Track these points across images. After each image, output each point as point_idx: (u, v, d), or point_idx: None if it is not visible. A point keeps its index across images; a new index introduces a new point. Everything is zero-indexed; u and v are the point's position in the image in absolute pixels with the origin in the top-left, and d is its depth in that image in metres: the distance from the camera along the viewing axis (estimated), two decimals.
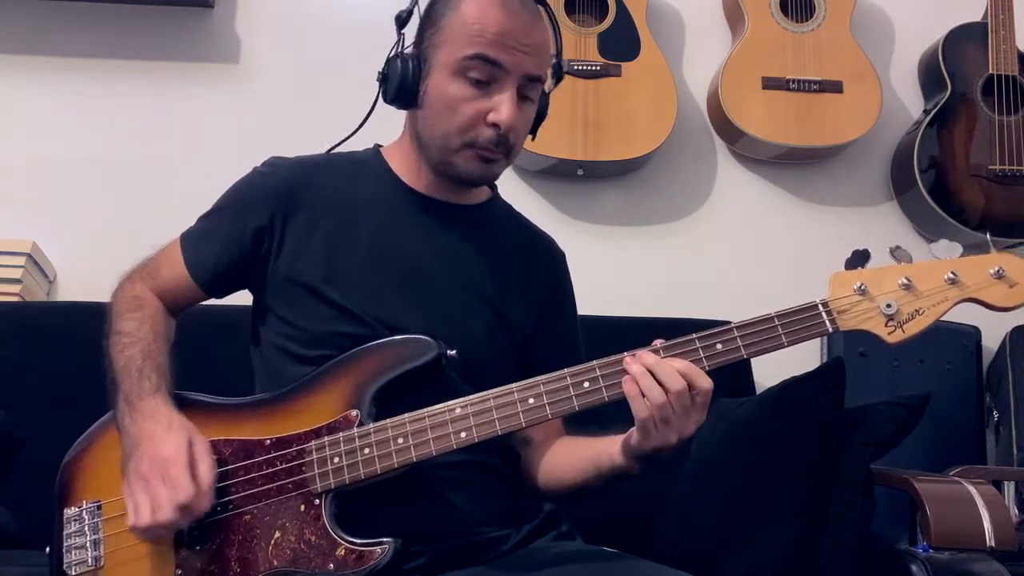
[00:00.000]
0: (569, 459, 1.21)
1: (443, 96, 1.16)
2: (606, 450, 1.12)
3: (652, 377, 1.00)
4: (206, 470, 1.04)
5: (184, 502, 1.01)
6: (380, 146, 1.32)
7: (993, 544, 1.20)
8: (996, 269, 1.03)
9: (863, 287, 1.04)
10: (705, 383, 1.01)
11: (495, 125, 1.14)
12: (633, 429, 1.04)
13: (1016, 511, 1.77)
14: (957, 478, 1.34)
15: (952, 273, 1.04)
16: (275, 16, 2.29)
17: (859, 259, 1.07)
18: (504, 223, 1.33)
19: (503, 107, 1.13)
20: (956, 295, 1.04)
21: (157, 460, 1.04)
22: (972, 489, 1.26)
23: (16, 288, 1.99)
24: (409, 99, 1.19)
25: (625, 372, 1.02)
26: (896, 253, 1.07)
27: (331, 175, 1.26)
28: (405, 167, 1.26)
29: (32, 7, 2.22)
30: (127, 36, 2.24)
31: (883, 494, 1.31)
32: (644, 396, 1.00)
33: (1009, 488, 1.77)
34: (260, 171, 1.27)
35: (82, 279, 2.12)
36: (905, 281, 1.04)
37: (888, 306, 1.04)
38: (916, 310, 1.04)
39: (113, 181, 2.18)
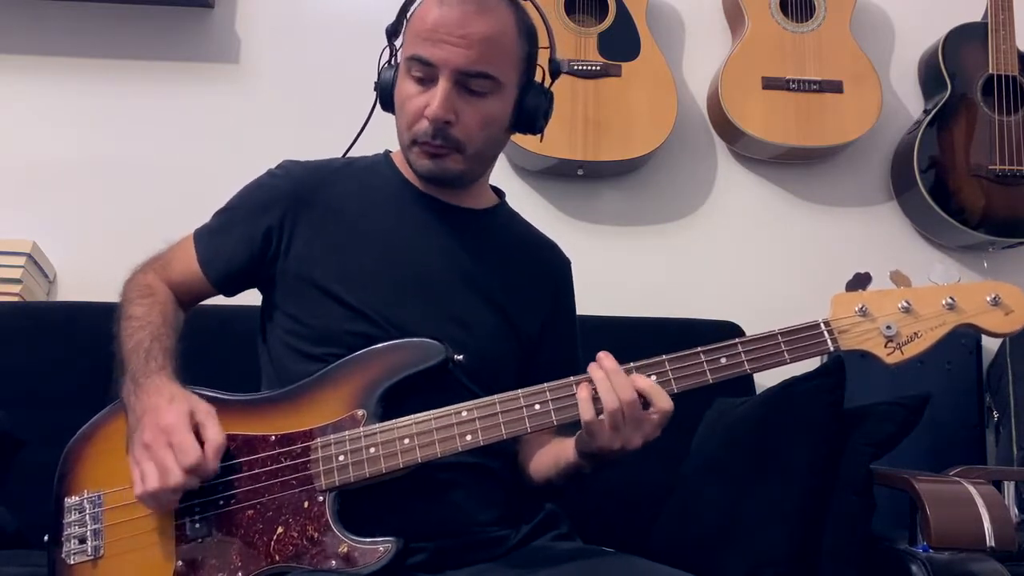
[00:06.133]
0: (544, 456, 1.23)
1: (399, 96, 1.21)
2: (565, 448, 1.16)
3: (609, 384, 1.03)
4: (213, 433, 1.06)
5: (192, 464, 1.02)
6: (391, 151, 1.34)
7: (993, 544, 1.20)
8: (993, 296, 1.08)
9: (864, 309, 1.08)
10: (664, 404, 1.04)
11: (427, 118, 1.16)
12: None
13: (1016, 511, 1.76)
14: (957, 478, 1.34)
15: (950, 299, 1.08)
16: (275, 16, 2.29)
17: (860, 282, 1.10)
18: (512, 229, 1.35)
19: (434, 100, 1.14)
20: (954, 320, 1.08)
21: (159, 429, 1.05)
22: (972, 489, 1.26)
23: (16, 288, 1.99)
24: (392, 105, 1.24)
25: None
26: (894, 277, 1.10)
27: (342, 178, 1.28)
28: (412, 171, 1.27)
29: (32, 7, 2.22)
30: (127, 36, 2.24)
31: (883, 494, 1.31)
32: (597, 400, 1.03)
33: (1009, 488, 1.77)
34: (273, 173, 1.29)
35: (82, 279, 2.12)
36: (905, 304, 1.08)
37: (888, 328, 1.07)
38: (915, 333, 1.08)
39: (113, 181, 2.18)
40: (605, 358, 1.05)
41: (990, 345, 2.18)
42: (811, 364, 1.34)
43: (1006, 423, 2.05)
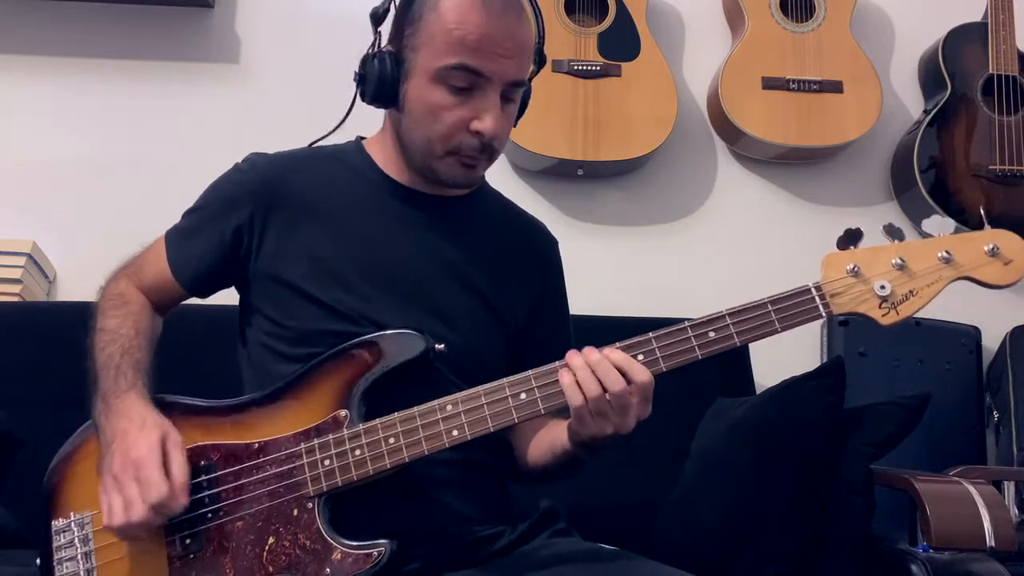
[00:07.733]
0: (540, 442, 1.20)
1: (424, 103, 1.11)
2: (560, 434, 1.12)
3: (591, 372, 0.99)
4: (178, 468, 1.03)
5: (157, 501, 1.00)
6: (363, 138, 1.29)
7: (993, 544, 1.20)
8: (991, 247, 1.00)
9: (856, 268, 1.02)
10: (642, 376, 0.99)
11: (479, 133, 1.10)
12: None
13: (1016, 511, 1.77)
14: (957, 478, 1.34)
15: (946, 252, 1.01)
16: (275, 16, 2.29)
17: (851, 238, 1.04)
18: (493, 213, 1.30)
19: (487, 117, 1.09)
20: (950, 275, 1.01)
21: (129, 460, 1.03)
22: (972, 489, 1.26)
23: (16, 288, 1.99)
24: (388, 100, 1.16)
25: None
26: (888, 230, 1.04)
27: (312, 170, 1.23)
28: (388, 161, 1.23)
29: (32, 7, 2.22)
30: (127, 36, 2.24)
31: (883, 494, 1.31)
32: (580, 387, 0.99)
33: (1009, 488, 1.77)
34: (240, 168, 1.25)
35: (82, 279, 2.11)
36: (898, 261, 1.01)
37: (882, 287, 1.01)
38: (910, 291, 1.01)
39: (113, 181, 2.18)
40: (590, 352, 1.01)
41: (990, 345, 2.18)
42: (810, 354, 1.33)
43: (1006, 423, 2.06)
